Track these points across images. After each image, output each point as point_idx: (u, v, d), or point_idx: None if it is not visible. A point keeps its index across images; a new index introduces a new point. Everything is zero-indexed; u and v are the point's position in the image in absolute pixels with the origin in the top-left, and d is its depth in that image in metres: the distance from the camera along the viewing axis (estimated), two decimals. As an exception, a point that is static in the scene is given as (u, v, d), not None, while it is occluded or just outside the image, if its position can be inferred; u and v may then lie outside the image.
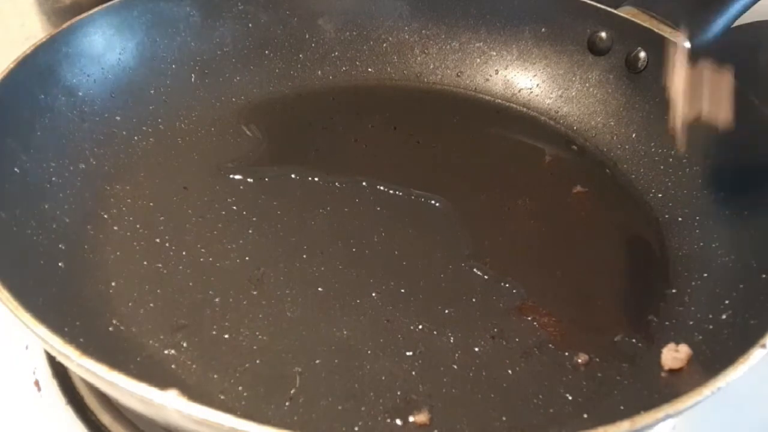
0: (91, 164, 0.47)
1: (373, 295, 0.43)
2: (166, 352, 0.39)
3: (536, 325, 0.42)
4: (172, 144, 0.52)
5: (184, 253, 0.44)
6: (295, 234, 0.46)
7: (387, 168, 0.52)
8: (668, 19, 0.55)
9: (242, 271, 0.44)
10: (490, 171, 0.54)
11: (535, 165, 0.55)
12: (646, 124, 0.55)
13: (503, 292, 0.44)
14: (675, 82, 0.43)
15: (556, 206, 0.51)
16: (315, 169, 0.51)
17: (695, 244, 0.47)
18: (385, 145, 0.55)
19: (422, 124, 0.57)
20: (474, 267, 0.45)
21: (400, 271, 0.45)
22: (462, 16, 0.61)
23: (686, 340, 0.40)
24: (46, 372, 0.41)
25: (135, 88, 0.52)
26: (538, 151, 0.57)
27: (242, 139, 0.53)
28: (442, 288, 0.44)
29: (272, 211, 0.48)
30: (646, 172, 0.53)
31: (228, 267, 0.44)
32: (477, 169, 0.54)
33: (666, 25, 0.54)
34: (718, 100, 0.41)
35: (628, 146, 0.55)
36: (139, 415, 0.37)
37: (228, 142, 0.53)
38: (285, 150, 0.54)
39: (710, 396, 0.32)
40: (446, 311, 0.43)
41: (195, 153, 0.51)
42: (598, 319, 0.44)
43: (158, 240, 0.45)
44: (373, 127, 0.57)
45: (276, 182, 0.50)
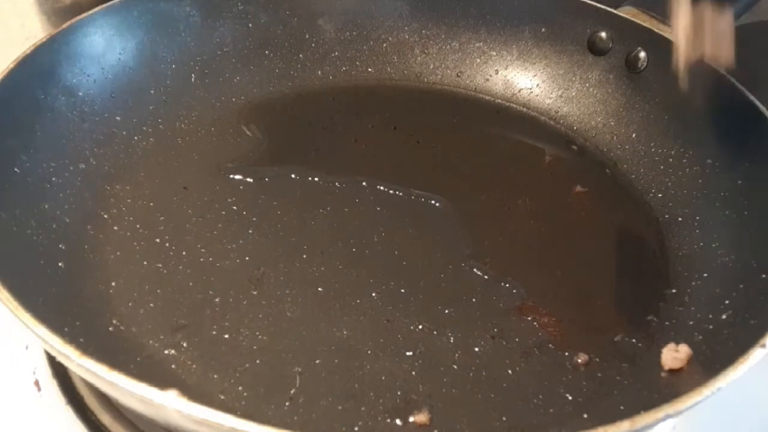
0: (91, 164, 0.47)
1: (373, 295, 0.43)
2: (166, 352, 0.39)
3: (536, 325, 0.42)
4: (172, 144, 0.52)
5: (184, 253, 0.44)
6: (295, 234, 0.46)
7: (387, 168, 0.52)
8: (668, 19, 0.55)
9: (242, 271, 0.44)
10: (490, 171, 0.54)
11: (535, 165, 0.55)
12: (646, 124, 0.55)
13: (503, 292, 0.44)
14: (679, 22, 0.43)
15: (556, 206, 0.51)
16: (315, 169, 0.51)
17: (695, 244, 0.47)
18: (385, 145, 0.55)
19: (422, 124, 0.57)
20: (474, 267, 0.45)
21: (400, 271, 0.45)
22: (462, 16, 0.61)
23: (686, 340, 0.40)
24: (46, 372, 0.41)
25: (135, 88, 0.52)
26: (538, 151, 0.57)
27: (242, 139, 0.53)
28: (442, 288, 0.44)
29: (272, 211, 0.48)
30: (646, 172, 0.53)
31: (228, 267, 0.44)
32: (477, 169, 0.54)
33: (666, 25, 0.54)
34: (720, 40, 0.41)
35: (628, 146, 0.55)
36: (139, 415, 0.37)
37: (228, 142, 0.53)
38: (285, 150, 0.54)
39: (710, 396, 0.32)
40: (446, 311, 0.43)
41: (195, 153, 0.51)
42: (598, 319, 0.44)
43: (158, 240, 0.45)
44: (373, 127, 0.57)
45: (276, 182, 0.50)
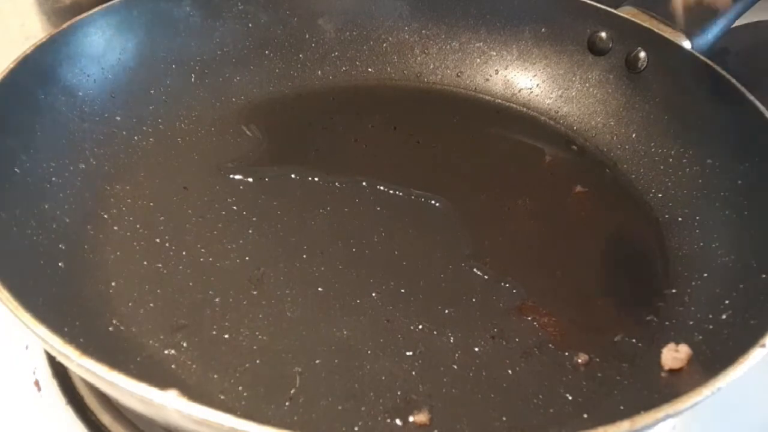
0: (91, 164, 0.47)
1: (373, 295, 0.43)
2: (166, 352, 0.39)
3: (536, 325, 0.42)
4: (172, 144, 0.52)
5: (184, 253, 0.44)
6: (295, 234, 0.46)
7: (387, 168, 0.52)
8: (668, 19, 0.55)
9: (242, 271, 0.44)
10: (490, 171, 0.54)
11: (535, 165, 0.55)
12: (646, 124, 0.55)
13: (503, 292, 0.44)
14: None
15: (556, 206, 0.51)
16: (315, 169, 0.51)
17: (695, 244, 0.47)
18: (385, 145, 0.55)
19: (422, 124, 0.57)
20: (474, 267, 0.45)
21: (400, 271, 0.45)
22: (462, 16, 0.61)
23: (686, 340, 0.40)
24: (46, 372, 0.41)
25: (135, 88, 0.52)
26: (538, 151, 0.57)
27: (242, 139, 0.53)
28: (442, 288, 0.44)
29: (272, 211, 0.48)
30: (646, 172, 0.53)
31: (228, 267, 0.44)
32: (477, 169, 0.54)
33: (666, 25, 0.55)
34: None
35: (628, 146, 0.55)
36: (139, 415, 0.37)
37: (228, 142, 0.53)
38: (285, 150, 0.54)
39: (710, 396, 0.32)
40: (446, 311, 0.43)
41: (195, 153, 0.51)
42: (598, 319, 0.44)
43: (158, 240, 0.45)
44: (373, 127, 0.57)
45: (276, 182, 0.50)
